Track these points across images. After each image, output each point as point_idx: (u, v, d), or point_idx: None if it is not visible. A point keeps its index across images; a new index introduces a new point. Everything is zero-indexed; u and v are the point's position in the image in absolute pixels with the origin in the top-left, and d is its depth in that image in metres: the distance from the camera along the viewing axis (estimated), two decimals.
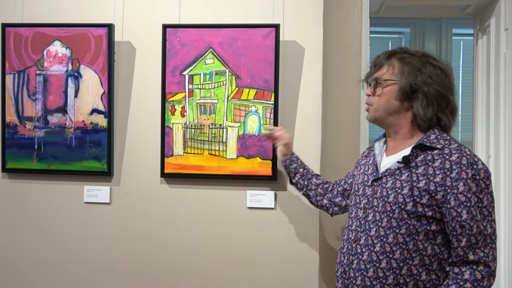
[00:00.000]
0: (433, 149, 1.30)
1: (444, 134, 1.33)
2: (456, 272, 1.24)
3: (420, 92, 1.32)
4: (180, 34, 1.94)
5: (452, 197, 1.23)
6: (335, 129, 2.07)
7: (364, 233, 1.35)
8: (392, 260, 1.28)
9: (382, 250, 1.30)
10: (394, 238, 1.29)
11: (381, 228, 1.31)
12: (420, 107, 1.32)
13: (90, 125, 1.99)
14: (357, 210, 1.41)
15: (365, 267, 1.32)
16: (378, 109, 1.38)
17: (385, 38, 4.47)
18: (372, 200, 1.36)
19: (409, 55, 1.36)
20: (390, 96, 1.35)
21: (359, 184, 1.46)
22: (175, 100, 1.96)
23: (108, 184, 2.02)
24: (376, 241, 1.31)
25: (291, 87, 1.95)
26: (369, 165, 1.48)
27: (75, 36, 1.98)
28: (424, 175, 1.28)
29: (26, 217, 2.05)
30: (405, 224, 1.28)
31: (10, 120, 2.03)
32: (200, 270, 1.97)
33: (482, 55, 2.67)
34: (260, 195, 1.95)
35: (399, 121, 1.37)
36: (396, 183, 1.32)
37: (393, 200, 1.30)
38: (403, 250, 1.27)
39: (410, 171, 1.31)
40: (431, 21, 4.25)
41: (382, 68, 1.39)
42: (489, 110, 2.56)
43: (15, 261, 2.05)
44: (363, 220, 1.37)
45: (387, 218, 1.30)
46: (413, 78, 1.32)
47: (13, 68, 2.02)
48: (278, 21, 1.94)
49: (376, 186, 1.37)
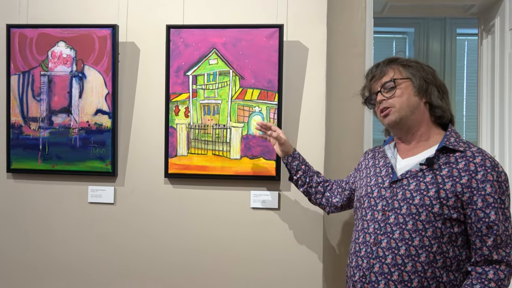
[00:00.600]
0: (454, 151, 1.33)
1: (460, 137, 1.38)
2: (479, 272, 1.25)
3: (433, 85, 1.40)
4: (184, 34, 1.94)
5: (480, 199, 1.26)
6: (338, 129, 2.06)
7: (385, 236, 1.34)
8: (417, 263, 1.28)
9: (407, 253, 1.30)
10: (420, 241, 1.29)
11: (405, 231, 1.31)
12: (438, 99, 1.39)
13: (95, 126, 2.00)
14: (374, 213, 1.40)
15: (389, 270, 1.31)
16: (402, 108, 1.39)
17: (389, 38, 4.46)
18: (392, 202, 1.36)
19: (407, 61, 1.44)
20: (409, 93, 1.39)
21: (372, 186, 1.45)
22: (179, 101, 1.96)
23: (112, 184, 2.03)
24: (400, 244, 1.31)
25: (294, 87, 1.95)
26: (380, 167, 1.48)
27: (79, 37, 1.99)
28: (449, 177, 1.29)
29: (30, 217, 2.06)
30: (431, 227, 1.28)
31: (15, 120, 2.04)
32: (204, 269, 1.97)
33: (486, 55, 2.66)
34: (264, 196, 1.95)
35: (419, 118, 1.40)
36: (420, 185, 1.32)
37: (419, 203, 1.30)
38: (429, 253, 1.28)
39: (434, 173, 1.32)
40: (435, 21, 4.24)
41: (387, 73, 1.42)
42: (493, 110, 2.55)
43: (20, 260, 2.06)
44: (382, 223, 1.36)
45: (413, 220, 1.31)
46: (423, 75, 1.39)
47: (18, 69, 2.03)
48: (281, 21, 1.94)
49: (396, 188, 1.37)
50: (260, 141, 1.91)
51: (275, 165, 1.91)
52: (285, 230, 1.95)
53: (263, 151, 1.92)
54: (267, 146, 1.91)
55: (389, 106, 1.40)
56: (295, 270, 1.94)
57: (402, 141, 1.46)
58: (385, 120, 1.43)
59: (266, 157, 1.92)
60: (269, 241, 1.95)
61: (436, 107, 1.39)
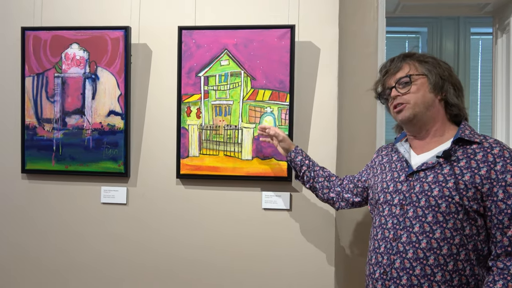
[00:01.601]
0: (471, 143, 1.31)
1: (474, 130, 1.36)
2: (501, 267, 1.22)
3: (449, 83, 1.37)
4: (196, 36, 1.95)
5: (501, 190, 1.23)
6: (351, 130, 2.05)
7: (405, 230, 1.32)
8: (439, 256, 1.26)
9: (429, 247, 1.27)
10: (442, 233, 1.27)
11: (425, 223, 1.29)
12: (454, 96, 1.37)
13: (107, 127, 2.01)
14: (391, 208, 1.37)
15: (411, 265, 1.29)
16: (417, 104, 1.36)
17: (402, 38, 4.42)
18: (409, 195, 1.34)
19: (423, 56, 1.41)
20: (425, 90, 1.37)
21: (387, 181, 1.43)
22: (191, 102, 1.97)
23: (125, 185, 2.04)
24: (421, 237, 1.29)
25: (306, 88, 1.94)
26: (395, 162, 1.46)
27: (92, 39, 2.01)
28: (467, 168, 1.27)
29: (45, 216, 2.09)
30: (452, 218, 1.26)
31: (30, 122, 2.06)
32: (215, 267, 1.98)
33: (501, 54, 2.62)
34: (275, 196, 1.94)
35: (434, 114, 1.37)
36: (438, 177, 1.30)
37: (439, 194, 1.28)
38: (451, 245, 1.26)
39: (451, 165, 1.30)
40: (448, 20, 4.19)
41: (402, 69, 1.40)
42: (508, 109, 2.51)
43: (35, 259, 2.09)
44: (401, 217, 1.34)
45: (433, 213, 1.28)
46: (439, 71, 1.37)
47: (32, 71, 2.05)
48: (293, 21, 1.94)
49: (413, 181, 1.35)
50: None
51: (286, 165, 1.90)
52: (297, 231, 1.94)
53: (275, 151, 1.91)
54: None
55: (404, 102, 1.38)
56: (307, 271, 1.93)
57: (415, 138, 1.43)
58: (399, 116, 1.41)
59: (277, 157, 1.91)
60: (281, 242, 1.95)
61: (452, 105, 1.37)
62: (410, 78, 1.37)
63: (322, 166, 1.77)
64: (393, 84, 1.40)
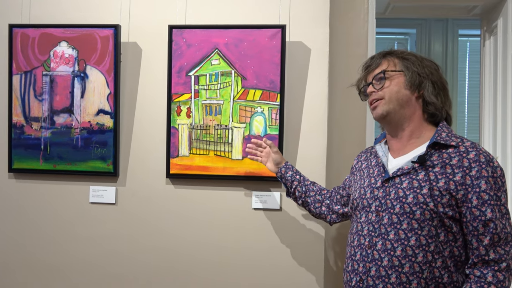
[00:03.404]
0: (447, 147, 1.28)
1: (452, 131, 1.33)
2: (477, 275, 1.21)
3: (428, 81, 1.34)
4: (186, 35, 1.94)
5: (475, 196, 1.22)
6: (341, 130, 2.05)
7: (380, 237, 1.30)
8: (415, 264, 1.24)
9: (404, 254, 1.25)
10: (417, 240, 1.25)
11: (400, 231, 1.27)
12: (431, 95, 1.33)
13: (96, 126, 2.00)
14: (368, 214, 1.35)
15: (386, 273, 1.27)
16: (391, 100, 1.34)
17: (391, 39, 4.45)
18: (385, 202, 1.32)
19: (404, 53, 1.39)
20: (400, 86, 1.34)
21: (365, 187, 1.41)
22: (181, 101, 1.96)
23: (114, 184, 2.03)
24: (396, 245, 1.27)
25: (297, 88, 1.95)
26: (373, 167, 1.44)
27: (81, 37, 1.99)
28: (442, 174, 1.25)
29: (32, 217, 2.06)
30: (427, 226, 1.24)
31: (17, 120, 2.03)
32: (205, 269, 1.97)
33: (489, 56, 2.65)
34: (265, 196, 1.94)
35: (410, 113, 1.35)
36: (413, 183, 1.28)
37: (413, 201, 1.26)
38: (426, 252, 1.24)
39: (426, 170, 1.27)
40: (437, 22, 4.23)
41: (381, 65, 1.39)
42: (496, 111, 2.55)
43: (21, 260, 2.06)
44: (376, 224, 1.32)
45: (408, 220, 1.26)
46: (418, 69, 1.34)
47: (20, 69, 2.03)
48: (284, 22, 1.94)
49: (388, 187, 1.33)
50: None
51: None
52: (287, 230, 1.94)
53: None
54: None
55: (379, 98, 1.37)
56: (296, 269, 1.93)
57: (392, 137, 1.41)
58: (374, 113, 1.40)
59: None
60: (271, 242, 1.95)
61: (429, 103, 1.34)
62: (384, 74, 1.36)
63: (312, 181, 1.77)
64: (370, 80, 1.40)
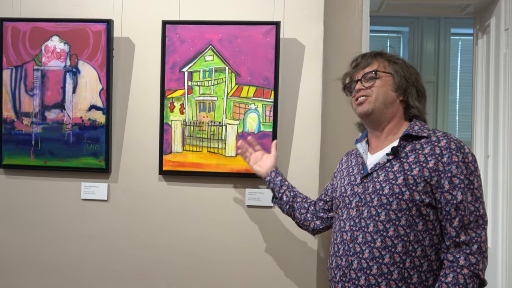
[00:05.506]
0: (419, 138, 1.34)
1: (426, 126, 1.39)
2: (451, 260, 1.24)
3: (413, 87, 1.40)
4: (180, 30, 1.93)
5: (446, 181, 1.26)
6: (335, 127, 2.06)
7: (360, 231, 1.33)
8: (395, 254, 1.27)
9: (383, 245, 1.28)
10: (395, 231, 1.27)
11: (379, 222, 1.30)
12: (415, 100, 1.40)
13: (88, 122, 1.98)
14: (349, 211, 1.39)
15: (368, 265, 1.29)
16: (378, 99, 1.39)
17: (384, 37, 4.46)
18: (364, 196, 1.35)
19: (394, 57, 1.44)
20: (388, 88, 1.40)
21: (345, 186, 1.45)
22: (174, 97, 1.95)
23: (106, 181, 2.01)
24: (375, 236, 1.29)
25: (291, 85, 1.94)
26: (353, 166, 1.49)
27: (73, 32, 1.97)
28: (416, 163, 1.29)
29: (22, 213, 2.04)
30: (404, 215, 1.27)
31: (7, 115, 2.01)
32: (198, 267, 1.96)
33: (482, 55, 2.66)
34: (259, 193, 1.94)
35: (392, 114, 1.41)
36: (388, 175, 1.32)
37: (389, 192, 1.29)
38: (405, 242, 1.26)
39: (400, 162, 1.32)
40: (429, 20, 4.25)
41: (372, 64, 1.43)
42: (488, 110, 2.56)
43: (10, 257, 2.04)
44: (357, 219, 1.35)
45: (385, 211, 1.29)
46: (406, 74, 1.40)
47: (10, 63, 2.00)
48: (278, 18, 1.93)
49: (367, 182, 1.37)
50: (256, 139, 1.89)
51: None
52: (281, 228, 1.94)
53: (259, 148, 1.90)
54: (263, 144, 1.89)
55: (366, 95, 1.40)
56: (289, 265, 1.93)
57: (372, 134, 1.46)
58: (358, 109, 1.43)
59: None
60: (264, 239, 1.94)
61: (412, 106, 1.40)
62: (376, 74, 1.40)
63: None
64: (359, 78, 1.43)
